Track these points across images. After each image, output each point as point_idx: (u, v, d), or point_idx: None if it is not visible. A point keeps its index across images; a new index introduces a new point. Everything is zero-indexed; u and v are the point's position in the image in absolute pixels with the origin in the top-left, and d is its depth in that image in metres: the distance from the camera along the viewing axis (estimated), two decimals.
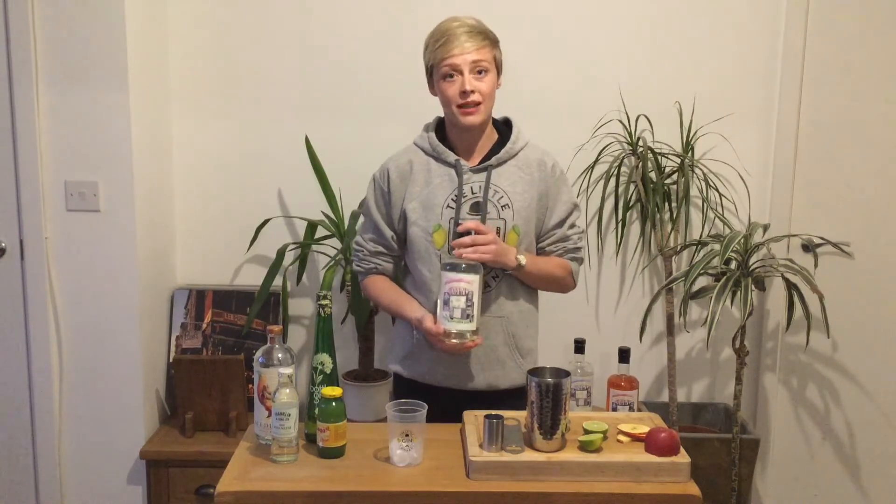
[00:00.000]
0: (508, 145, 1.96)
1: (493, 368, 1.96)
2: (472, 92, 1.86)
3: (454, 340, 1.79)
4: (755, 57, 2.78)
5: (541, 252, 2.02)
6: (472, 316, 1.78)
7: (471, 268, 1.79)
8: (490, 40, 1.90)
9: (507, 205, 1.93)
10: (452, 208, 1.92)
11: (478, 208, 1.92)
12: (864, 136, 2.65)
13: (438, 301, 1.80)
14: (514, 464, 1.59)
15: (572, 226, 2.03)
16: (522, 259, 1.89)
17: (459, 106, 1.88)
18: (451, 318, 1.77)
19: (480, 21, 1.93)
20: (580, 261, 2.07)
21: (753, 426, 2.89)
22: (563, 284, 2.04)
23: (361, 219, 2.69)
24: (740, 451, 2.56)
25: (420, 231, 1.94)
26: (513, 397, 1.94)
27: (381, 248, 2.03)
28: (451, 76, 1.87)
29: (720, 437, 2.61)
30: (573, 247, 2.03)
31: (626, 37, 2.78)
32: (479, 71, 1.87)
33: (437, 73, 1.90)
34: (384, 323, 2.82)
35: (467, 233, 1.84)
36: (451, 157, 1.95)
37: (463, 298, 1.77)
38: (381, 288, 2.02)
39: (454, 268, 1.78)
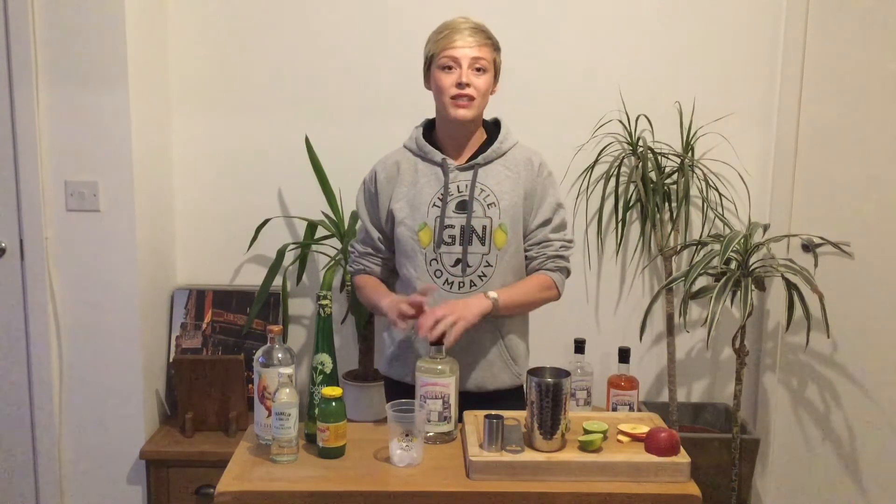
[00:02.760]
0: (496, 144, 1.96)
1: (481, 369, 1.96)
2: (468, 85, 1.87)
3: (429, 441, 1.74)
4: (755, 57, 2.79)
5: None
6: (450, 417, 1.75)
7: (445, 372, 1.74)
8: (492, 42, 1.92)
9: (494, 203, 1.92)
10: (439, 207, 1.92)
11: (464, 206, 1.92)
12: (864, 137, 2.65)
13: (415, 404, 1.74)
14: (514, 464, 1.59)
15: (557, 229, 1.99)
16: (492, 294, 1.86)
17: (453, 98, 1.88)
18: (429, 420, 1.73)
19: (487, 27, 1.94)
20: (565, 271, 2.00)
21: (753, 426, 2.89)
22: (546, 301, 1.99)
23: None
24: (740, 451, 2.56)
25: (406, 230, 1.95)
26: (503, 399, 1.95)
27: (368, 250, 2.04)
28: (450, 67, 1.88)
29: (720, 437, 2.61)
30: (554, 253, 1.97)
31: (626, 37, 2.78)
32: (478, 68, 1.88)
33: (435, 63, 1.91)
34: (383, 323, 2.81)
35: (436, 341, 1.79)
36: (438, 156, 1.96)
37: (439, 402, 1.74)
38: (363, 285, 2.03)
39: (429, 371, 1.75)
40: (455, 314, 1.77)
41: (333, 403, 1.66)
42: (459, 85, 1.87)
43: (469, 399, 1.92)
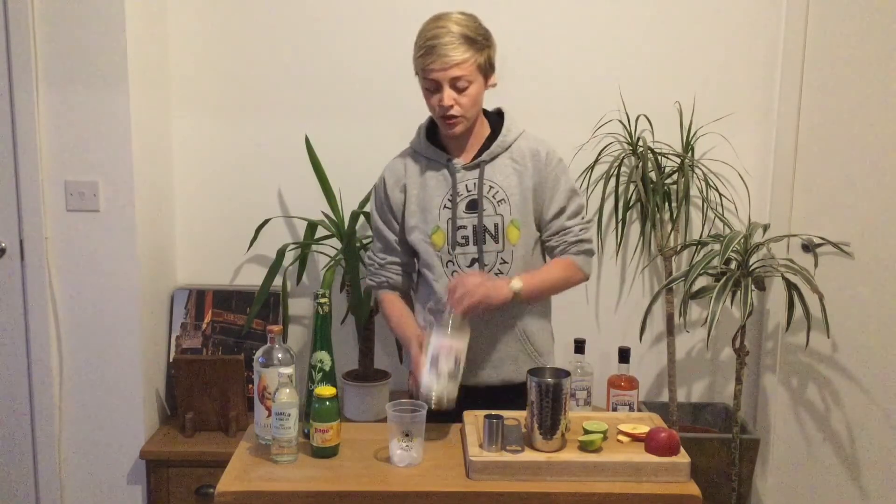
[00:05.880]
0: (500, 138, 1.94)
1: (505, 364, 1.96)
2: (452, 107, 1.84)
3: (433, 404, 1.71)
4: (755, 57, 2.79)
5: (543, 245, 2.01)
6: (458, 378, 1.73)
7: (457, 333, 1.73)
8: (476, 47, 1.83)
9: (504, 199, 1.92)
10: (449, 208, 1.92)
11: (474, 206, 1.92)
12: (864, 137, 2.65)
13: (426, 360, 1.73)
14: (514, 464, 1.59)
15: (573, 215, 1.97)
16: (517, 284, 1.83)
17: (441, 117, 1.88)
18: (438, 377, 1.71)
19: (470, 19, 1.86)
20: (588, 252, 1.98)
21: (753, 426, 2.89)
22: (573, 283, 1.97)
23: (362, 219, 2.71)
24: (740, 451, 2.56)
25: (420, 234, 1.94)
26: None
27: (388, 258, 2.02)
28: (432, 89, 1.86)
29: (720, 437, 2.61)
30: (574, 239, 1.95)
31: (626, 37, 2.78)
32: (460, 87, 1.83)
33: (420, 80, 1.90)
34: (384, 323, 2.81)
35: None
36: (443, 157, 1.95)
37: (452, 360, 1.72)
38: (389, 311, 2.01)
39: (442, 331, 1.74)
40: (479, 296, 1.76)
41: (327, 403, 1.66)
42: (443, 107, 1.84)
43: (496, 393, 1.93)
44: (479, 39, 1.84)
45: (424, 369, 1.71)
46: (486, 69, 1.88)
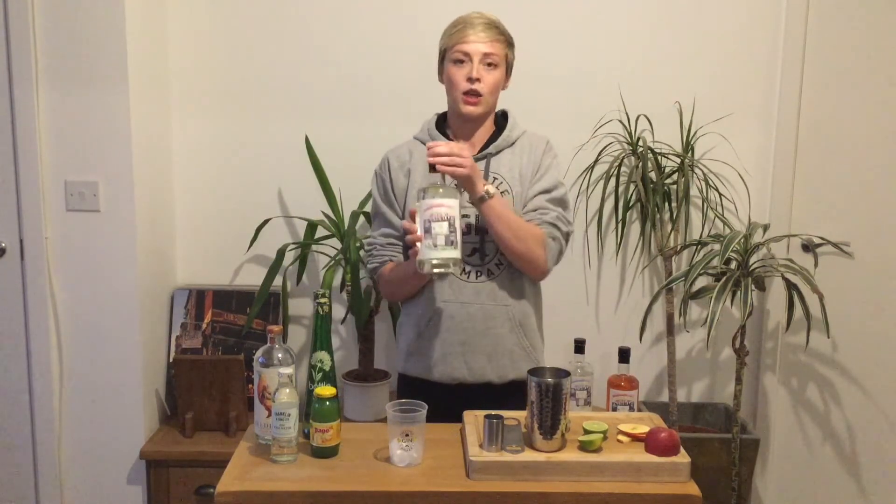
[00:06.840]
0: (505, 133, 1.99)
1: (501, 358, 1.96)
2: (478, 80, 1.89)
3: (437, 270, 1.67)
4: (755, 57, 2.79)
5: None
6: (456, 242, 1.67)
7: (449, 192, 1.69)
8: (505, 38, 1.94)
9: (507, 190, 1.94)
10: None
11: None
12: (864, 136, 2.64)
13: (419, 229, 1.69)
14: (514, 464, 1.59)
15: (555, 201, 1.95)
16: (492, 190, 1.82)
17: (464, 93, 1.91)
18: (435, 245, 1.65)
19: (501, 22, 1.96)
20: (557, 241, 1.94)
21: (753, 426, 2.89)
22: (533, 254, 1.90)
23: (362, 219, 2.71)
24: (740, 451, 2.56)
25: None
26: (525, 388, 1.94)
27: (390, 240, 2.01)
28: (461, 62, 1.90)
29: (720, 437, 2.61)
30: (550, 220, 1.92)
31: (626, 37, 2.78)
32: (489, 63, 1.90)
33: (448, 57, 1.93)
34: (384, 322, 2.82)
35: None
36: None
37: (445, 224, 1.66)
38: (390, 270, 1.98)
39: (432, 193, 1.68)
40: (468, 167, 1.77)
41: (327, 403, 1.66)
42: (470, 80, 1.89)
43: (493, 390, 1.93)
44: (506, 35, 1.96)
45: (419, 236, 1.68)
46: (508, 66, 1.98)
